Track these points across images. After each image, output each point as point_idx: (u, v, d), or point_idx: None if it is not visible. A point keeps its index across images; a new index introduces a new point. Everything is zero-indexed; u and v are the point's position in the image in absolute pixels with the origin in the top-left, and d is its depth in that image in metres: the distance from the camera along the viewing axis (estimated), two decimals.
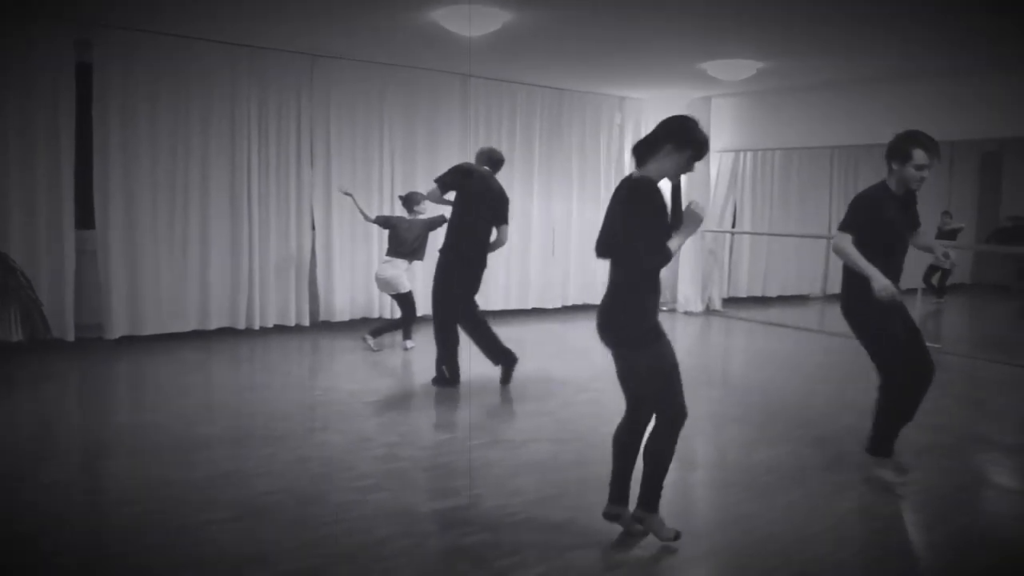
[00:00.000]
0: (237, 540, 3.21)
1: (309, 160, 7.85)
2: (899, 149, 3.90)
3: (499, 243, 5.77)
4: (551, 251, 9.53)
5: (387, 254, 7.10)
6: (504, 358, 5.85)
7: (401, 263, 6.99)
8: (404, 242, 6.96)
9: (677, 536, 3.24)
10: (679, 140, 3.14)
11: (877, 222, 3.92)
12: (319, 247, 7.97)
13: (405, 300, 7.07)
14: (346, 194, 7.20)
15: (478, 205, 5.62)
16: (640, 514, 3.29)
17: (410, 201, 7.09)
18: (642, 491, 3.27)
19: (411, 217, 7.08)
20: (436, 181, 5.72)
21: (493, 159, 5.82)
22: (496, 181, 5.77)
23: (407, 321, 7.11)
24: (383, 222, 7.15)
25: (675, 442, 3.22)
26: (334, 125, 7.90)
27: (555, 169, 9.45)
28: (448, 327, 5.73)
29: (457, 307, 5.71)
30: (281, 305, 7.80)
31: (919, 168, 3.85)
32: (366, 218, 7.15)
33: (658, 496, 3.26)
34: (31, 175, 6.51)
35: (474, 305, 5.79)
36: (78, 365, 6.32)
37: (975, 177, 13.74)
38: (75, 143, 6.67)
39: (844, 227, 3.99)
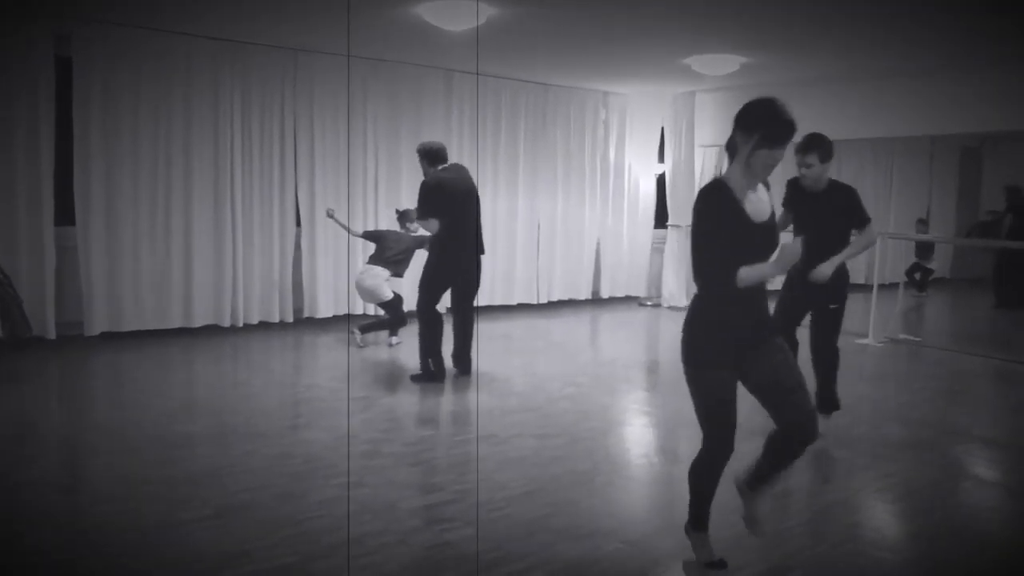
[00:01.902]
0: (218, 537, 3.20)
1: (293, 155, 7.80)
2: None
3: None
4: (536, 246, 9.54)
5: (368, 261, 7.04)
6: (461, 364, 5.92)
7: (382, 272, 6.90)
8: (387, 250, 6.92)
9: (720, 564, 3.02)
10: (742, 124, 2.67)
11: (786, 203, 4.70)
12: (303, 243, 7.94)
13: (390, 305, 7.05)
14: (328, 216, 7.11)
15: (460, 206, 5.67)
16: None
17: (404, 218, 7.07)
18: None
19: (401, 231, 7.08)
20: (419, 216, 5.75)
21: (444, 155, 5.81)
22: (461, 171, 5.82)
23: (396, 322, 7.10)
24: (371, 236, 7.10)
25: (710, 472, 2.92)
26: (317, 120, 7.85)
27: (540, 164, 9.45)
28: (432, 323, 5.75)
29: (462, 304, 5.80)
30: (265, 302, 7.77)
31: (799, 167, 4.49)
32: (353, 234, 7.09)
33: (696, 515, 3.03)
34: (10, 171, 6.45)
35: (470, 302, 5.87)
36: (59, 362, 6.28)
37: (955, 172, 13.87)
38: (55, 138, 6.60)
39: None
